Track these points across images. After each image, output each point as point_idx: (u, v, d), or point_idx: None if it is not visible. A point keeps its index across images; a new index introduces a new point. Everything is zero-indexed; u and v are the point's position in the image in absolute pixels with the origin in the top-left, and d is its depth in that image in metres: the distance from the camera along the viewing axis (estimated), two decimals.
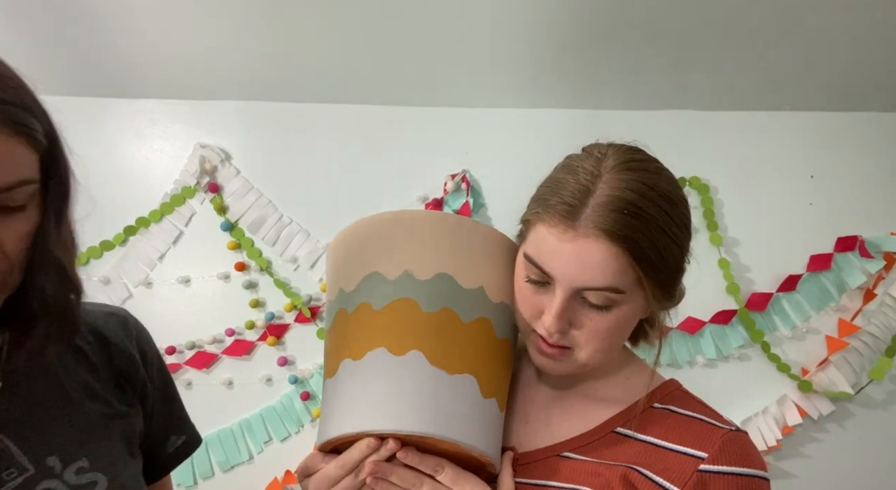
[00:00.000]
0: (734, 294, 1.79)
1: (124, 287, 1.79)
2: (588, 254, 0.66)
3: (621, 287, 0.67)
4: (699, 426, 0.72)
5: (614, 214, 0.66)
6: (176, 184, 1.80)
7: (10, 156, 0.54)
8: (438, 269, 0.73)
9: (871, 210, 1.81)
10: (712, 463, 0.68)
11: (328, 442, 0.70)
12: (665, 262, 0.69)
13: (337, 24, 1.58)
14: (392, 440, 0.67)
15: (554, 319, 0.69)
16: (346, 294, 0.76)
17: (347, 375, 0.71)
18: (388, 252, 0.74)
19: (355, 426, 0.68)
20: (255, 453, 1.79)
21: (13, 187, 0.54)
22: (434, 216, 0.79)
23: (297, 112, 1.83)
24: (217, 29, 1.60)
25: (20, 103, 0.55)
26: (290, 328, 1.81)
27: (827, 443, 1.80)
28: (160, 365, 0.84)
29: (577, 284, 0.68)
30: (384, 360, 0.69)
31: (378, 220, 0.77)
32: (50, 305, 0.62)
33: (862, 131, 1.82)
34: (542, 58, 1.68)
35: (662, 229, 0.68)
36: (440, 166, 1.81)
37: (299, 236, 1.81)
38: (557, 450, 0.75)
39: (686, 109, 1.82)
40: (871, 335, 1.76)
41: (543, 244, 0.69)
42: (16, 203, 0.55)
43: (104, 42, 1.62)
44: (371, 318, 0.72)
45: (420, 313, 0.71)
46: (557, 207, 0.68)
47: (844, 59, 1.67)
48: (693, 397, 0.78)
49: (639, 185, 0.68)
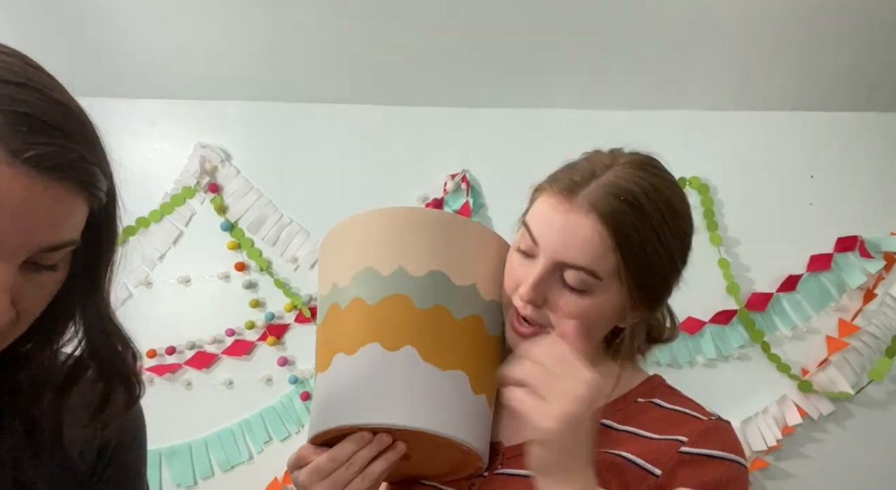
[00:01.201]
0: (734, 294, 1.79)
1: (124, 287, 1.79)
2: (575, 227, 0.68)
3: (599, 272, 0.69)
4: (682, 418, 0.74)
5: (611, 198, 0.68)
6: (176, 184, 1.80)
7: (69, 215, 0.48)
8: (432, 266, 0.74)
9: (871, 210, 1.81)
10: (692, 446, 0.70)
11: (319, 434, 0.71)
12: (650, 262, 0.70)
13: (337, 24, 1.58)
14: (384, 434, 0.69)
15: (529, 288, 0.71)
16: (339, 288, 0.76)
17: (340, 369, 0.72)
18: (382, 248, 0.75)
19: (347, 419, 0.69)
20: (255, 453, 1.79)
21: (58, 248, 0.49)
22: (427, 213, 0.81)
23: (297, 112, 1.83)
24: (217, 29, 1.60)
25: (95, 160, 0.50)
26: (290, 328, 1.81)
27: (827, 443, 1.80)
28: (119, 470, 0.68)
29: (558, 257, 0.69)
30: (377, 355, 0.70)
31: (372, 216, 0.78)
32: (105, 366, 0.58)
33: (862, 131, 1.82)
34: (542, 58, 1.68)
35: (655, 230, 0.69)
36: (440, 166, 1.81)
37: (299, 236, 1.81)
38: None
39: (686, 109, 1.82)
40: (871, 335, 1.76)
41: (538, 211, 0.73)
42: (51, 262, 0.50)
43: (104, 42, 1.62)
44: (364, 313, 0.73)
45: (413, 309, 0.72)
46: (563, 181, 0.71)
47: (844, 59, 1.67)
48: (676, 392, 0.79)
49: (645, 183, 0.70)
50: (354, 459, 0.68)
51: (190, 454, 1.75)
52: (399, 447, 0.70)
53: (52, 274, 0.51)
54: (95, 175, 0.50)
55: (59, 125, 0.46)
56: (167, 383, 1.77)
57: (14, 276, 0.47)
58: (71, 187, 0.47)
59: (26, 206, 0.45)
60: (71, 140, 0.47)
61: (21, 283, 0.48)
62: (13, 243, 0.45)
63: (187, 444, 1.76)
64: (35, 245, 0.47)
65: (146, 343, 1.73)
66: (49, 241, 0.48)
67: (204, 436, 1.77)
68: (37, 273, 0.49)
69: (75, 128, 0.48)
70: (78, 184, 0.48)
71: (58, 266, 0.51)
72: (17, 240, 0.45)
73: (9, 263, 0.46)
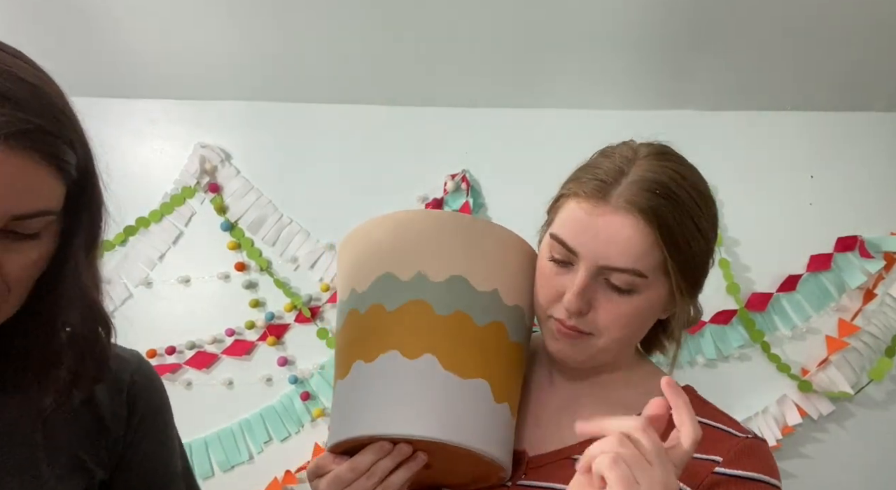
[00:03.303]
0: (734, 294, 1.79)
1: (124, 287, 1.79)
2: (616, 229, 0.66)
3: (645, 271, 0.67)
4: (716, 434, 0.71)
5: (646, 193, 0.66)
6: (176, 184, 1.80)
7: (33, 184, 0.51)
8: (452, 272, 0.72)
9: (871, 210, 1.80)
10: (727, 466, 0.68)
11: (339, 444, 0.70)
12: (691, 251, 0.69)
13: (337, 24, 1.58)
14: (404, 444, 0.67)
15: (575, 297, 0.68)
16: (357, 294, 0.75)
17: (359, 377, 0.71)
18: (401, 253, 0.74)
19: (367, 429, 0.68)
20: (255, 453, 1.79)
21: (30, 216, 0.52)
22: (448, 216, 0.78)
23: (297, 112, 1.82)
24: (217, 29, 1.60)
25: (57, 132, 0.52)
26: (290, 328, 1.81)
27: (827, 443, 1.80)
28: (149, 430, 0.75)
29: (601, 262, 0.67)
30: (397, 363, 0.69)
31: (391, 220, 0.76)
32: (79, 341, 0.61)
33: (862, 131, 1.82)
34: (542, 58, 1.68)
35: (692, 217, 0.68)
36: (440, 166, 1.81)
37: (299, 236, 1.81)
38: (567, 453, 0.74)
39: (686, 109, 1.82)
40: (871, 335, 1.76)
41: (571, 219, 0.69)
42: (29, 231, 0.53)
43: (104, 42, 1.62)
44: (383, 320, 0.71)
45: (433, 316, 0.70)
46: (590, 184, 0.69)
47: (844, 59, 1.67)
48: (709, 405, 0.77)
49: (673, 172, 0.69)
50: (374, 470, 0.67)
51: (190, 454, 1.75)
52: (420, 457, 0.69)
53: (35, 243, 0.54)
54: (58, 146, 0.52)
55: (18, 98, 0.49)
56: (167, 383, 1.73)
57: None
58: (31, 156, 0.50)
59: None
60: (28, 112, 0.50)
61: (2, 252, 0.52)
62: None
63: (187, 443, 1.75)
64: (4, 212, 0.50)
65: (146, 343, 1.72)
66: (18, 210, 0.50)
67: (204, 436, 1.77)
68: (18, 242, 0.53)
69: (36, 102, 0.51)
70: (38, 153, 0.50)
71: (40, 235, 0.54)
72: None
73: None
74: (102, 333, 0.64)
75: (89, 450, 0.68)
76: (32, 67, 0.53)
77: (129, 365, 0.75)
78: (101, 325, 0.63)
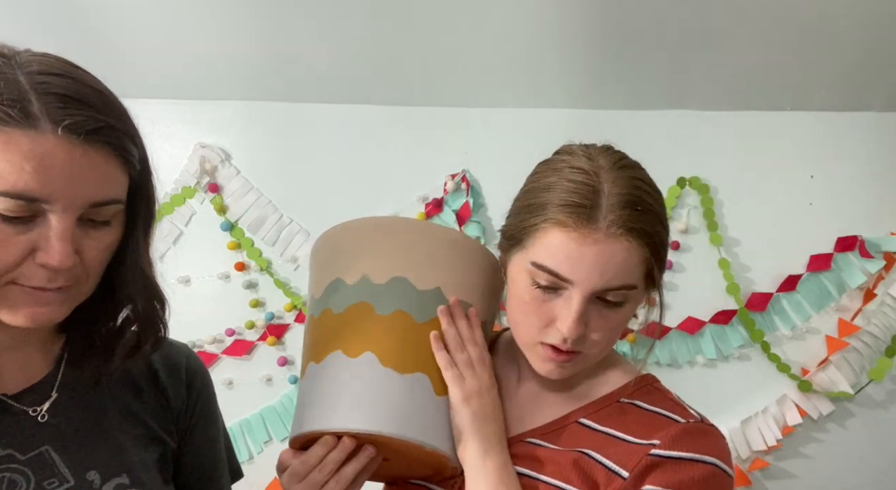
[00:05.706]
0: (734, 294, 1.79)
1: None
2: (612, 255, 0.68)
3: (635, 282, 0.70)
4: (659, 420, 0.73)
5: (631, 213, 0.68)
6: (176, 184, 1.80)
7: (108, 176, 0.59)
8: (394, 273, 0.76)
9: (871, 210, 1.81)
10: (663, 448, 0.69)
11: (294, 440, 0.75)
12: (665, 247, 0.73)
13: (337, 24, 1.58)
14: (347, 439, 0.71)
15: (574, 324, 0.69)
16: (315, 300, 0.81)
17: (311, 377, 0.76)
18: (349, 259, 0.79)
19: (313, 425, 0.72)
20: (255, 453, 1.79)
21: (104, 204, 0.59)
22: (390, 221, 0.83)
23: (297, 112, 1.82)
24: (217, 29, 1.60)
25: (123, 129, 0.60)
26: (289, 328, 1.81)
27: (827, 443, 1.80)
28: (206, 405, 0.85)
29: (598, 286, 0.68)
30: (339, 362, 0.73)
31: (342, 229, 0.82)
32: (141, 315, 0.69)
33: (862, 131, 1.82)
34: (543, 58, 1.68)
35: (660, 219, 0.72)
36: (440, 166, 1.81)
37: (299, 236, 1.81)
38: (523, 436, 0.78)
39: (686, 109, 1.82)
40: (871, 335, 1.76)
41: (561, 249, 0.68)
42: (103, 218, 0.60)
43: (104, 42, 1.62)
44: (332, 323, 0.76)
45: (374, 316, 0.74)
46: (570, 210, 0.68)
47: (845, 59, 1.67)
48: (661, 393, 0.78)
49: (639, 181, 0.71)
50: (325, 463, 0.71)
51: None
52: (368, 450, 0.72)
53: (108, 229, 0.62)
54: (125, 141, 0.60)
55: (90, 102, 0.58)
56: None
57: (73, 227, 0.57)
58: (105, 151, 0.58)
59: (69, 166, 0.55)
60: (100, 112, 0.58)
61: (81, 238, 0.59)
62: (65, 199, 0.56)
63: None
64: (84, 200, 0.57)
65: None
66: (96, 197, 0.58)
67: None
68: (94, 229, 0.60)
69: (104, 104, 0.59)
70: (110, 147, 0.58)
71: (111, 223, 0.62)
72: (66, 195, 0.56)
73: (66, 215, 0.56)
74: (158, 307, 0.72)
75: (158, 421, 0.76)
76: (90, 74, 0.61)
77: (182, 349, 0.85)
78: (157, 300, 0.72)
